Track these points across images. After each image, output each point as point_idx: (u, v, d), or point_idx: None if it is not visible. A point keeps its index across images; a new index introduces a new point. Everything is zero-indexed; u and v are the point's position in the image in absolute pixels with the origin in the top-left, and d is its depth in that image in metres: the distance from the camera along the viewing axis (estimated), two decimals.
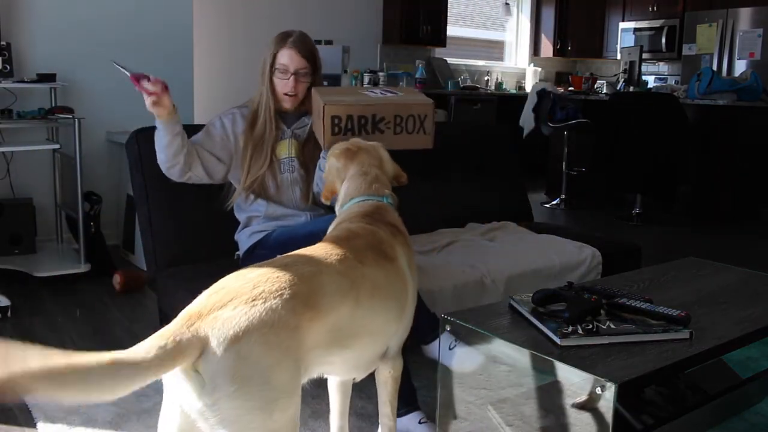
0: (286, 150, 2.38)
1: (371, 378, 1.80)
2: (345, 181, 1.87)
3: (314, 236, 1.73)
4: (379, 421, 1.84)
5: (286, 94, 2.33)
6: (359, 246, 1.55)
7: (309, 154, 2.38)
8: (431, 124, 2.20)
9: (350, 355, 1.50)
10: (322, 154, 2.25)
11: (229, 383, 1.16)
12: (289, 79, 2.31)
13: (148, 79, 2.09)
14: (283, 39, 2.33)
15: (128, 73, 2.08)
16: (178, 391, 1.20)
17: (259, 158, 2.33)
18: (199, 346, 1.16)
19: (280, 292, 1.28)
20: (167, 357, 1.12)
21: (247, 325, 1.19)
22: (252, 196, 2.37)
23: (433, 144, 2.25)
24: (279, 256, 1.49)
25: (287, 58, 2.30)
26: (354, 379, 1.74)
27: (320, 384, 1.73)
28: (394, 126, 2.17)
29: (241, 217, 2.44)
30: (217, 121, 2.40)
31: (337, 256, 1.47)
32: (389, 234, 1.65)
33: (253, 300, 1.23)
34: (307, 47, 2.34)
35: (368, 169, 1.86)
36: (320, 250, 1.51)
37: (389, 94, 2.28)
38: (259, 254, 2.26)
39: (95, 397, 1.05)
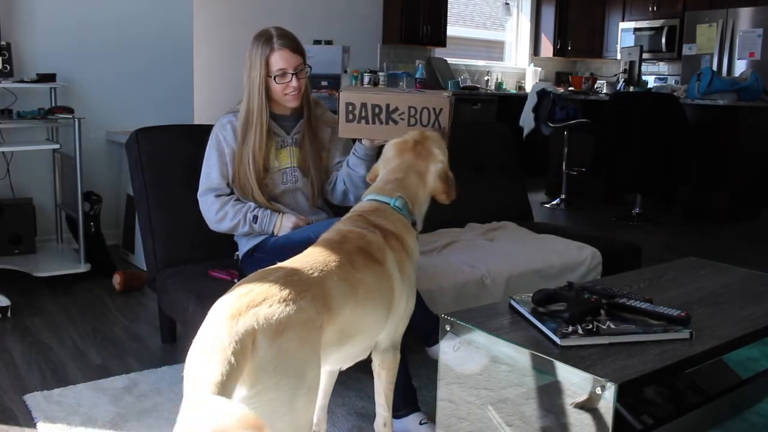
0: (288, 159, 2.35)
1: (371, 378, 1.81)
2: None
3: (309, 241, 1.74)
4: (376, 411, 1.85)
5: (287, 94, 2.28)
6: (350, 250, 1.59)
7: (309, 158, 2.36)
8: (447, 118, 2.18)
9: (344, 352, 1.57)
10: (353, 150, 2.31)
11: (271, 375, 1.21)
12: (291, 80, 2.25)
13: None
14: (267, 41, 2.23)
15: None
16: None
17: (252, 175, 2.28)
18: (251, 341, 1.20)
19: (305, 294, 1.35)
20: (244, 362, 1.17)
21: (286, 321, 1.26)
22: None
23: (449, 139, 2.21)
24: (281, 263, 1.51)
25: (282, 60, 2.23)
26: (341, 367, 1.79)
27: None
28: (408, 117, 2.18)
29: None
30: (220, 143, 2.33)
31: (334, 262, 1.52)
32: (379, 236, 1.68)
33: (285, 300, 1.30)
34: (294, 41, 2.27)
35: (399, 170, 1.88)
36: (318, 256, 1.55)
37: (414, 92, 2.30)
38: (258, 257, 2.27)
39: None
